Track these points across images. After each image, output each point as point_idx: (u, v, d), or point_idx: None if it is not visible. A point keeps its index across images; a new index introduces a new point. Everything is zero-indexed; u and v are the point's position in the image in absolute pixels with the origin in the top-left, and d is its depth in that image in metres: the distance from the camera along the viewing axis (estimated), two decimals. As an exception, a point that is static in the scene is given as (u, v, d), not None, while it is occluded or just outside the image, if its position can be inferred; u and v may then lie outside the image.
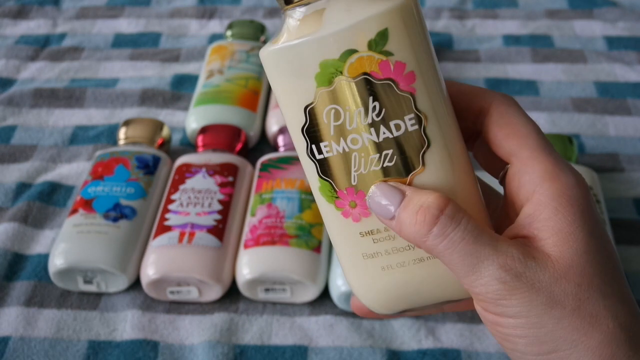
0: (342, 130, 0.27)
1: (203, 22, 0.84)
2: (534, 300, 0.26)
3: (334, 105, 0.27)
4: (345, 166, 0.28)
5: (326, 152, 0.28)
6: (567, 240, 0.26)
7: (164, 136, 0.62)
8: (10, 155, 0.65)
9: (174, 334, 0.50)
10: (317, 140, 0.28)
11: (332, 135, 0.27)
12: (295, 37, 0.27)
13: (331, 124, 0.27)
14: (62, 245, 0.51)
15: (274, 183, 0.55)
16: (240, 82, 0.66)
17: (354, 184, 0.28)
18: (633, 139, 0.65)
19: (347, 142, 0.27)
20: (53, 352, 0.48)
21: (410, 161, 0.28)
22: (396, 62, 0.26)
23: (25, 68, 0.77)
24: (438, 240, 0.26)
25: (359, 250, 0.29)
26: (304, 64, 0.26)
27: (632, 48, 0.77)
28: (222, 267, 0.51)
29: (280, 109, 0.29)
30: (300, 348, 0.48)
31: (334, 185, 0.28)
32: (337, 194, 0.28)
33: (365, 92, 0.27)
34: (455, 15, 0.83)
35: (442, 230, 0.26)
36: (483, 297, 0.26)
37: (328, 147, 0.28)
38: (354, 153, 0.27)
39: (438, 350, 0.48)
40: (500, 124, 0.28)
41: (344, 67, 0.26)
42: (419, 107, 0.27)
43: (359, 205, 0.28)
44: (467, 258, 0.26)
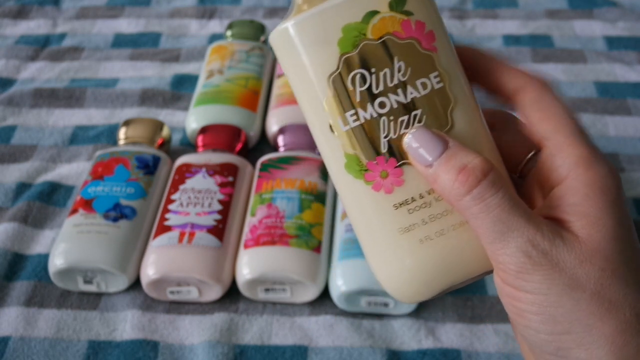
0: (368, 95, 0.27)
1: (203, 22, 0.84)
2: (556, 279, 0.26)
3: (359, 70, 0.26)
4: (374, 134, 0.27)
5: (353, 122, 0.27)
6: (596, 225, 0.26)
7: (164, 136, 0.62)
8: (10, 155, 0.65)
9: (174, 334, 0.50)
10: (342, 111, 0.27)
11: (358, 102, 0.27)
12: (311, 7, 0.26)
13: (357, 89, 0.27)
14: (62, 245, 0.51)
15: (274, 183, 0.55)
16: (240, 82, 0.66)
17: (383, 152, 0.27)
18: (633, 139, 0.65)
19: (375, 106, 0.27)
20: (53, 352, 0.48)
21: (439, 120, 0.27)
22: (417, 22, 0.27)
23: (25, 68, 0.77)
24: (474, 203, 0.26)
25: (394, 226, 0.28)
26: (326, 30, 0.26)
27: (632, 48, 0.77)
28: (222, 267, 0.51)
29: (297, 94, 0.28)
30: (300, 348, 0.48)
31: (362, 158, 0.27)
32: (366, 165, 0.27)
33: (391, 52, 0.26)
34: (455, 15, 0.83)
35: (481, 194, 0.26)
36: (505, 267, 0.26)
37: (355, 115, 0.27)
38: (382, 118, 0.27)
39: (438, 350, 0.48)
40: (536, 106, 0.28)
41: (367, 29, 0.26)
42: (442, 65, 0.27)
43: (391, 175, 0.27)
44: (498, 225, 0.26)
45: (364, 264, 0.49)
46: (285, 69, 0.28)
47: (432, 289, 0.29)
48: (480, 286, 0.52)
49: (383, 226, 0.28)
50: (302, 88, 0.27)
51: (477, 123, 0.28)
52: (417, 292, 0.29)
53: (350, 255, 0.50)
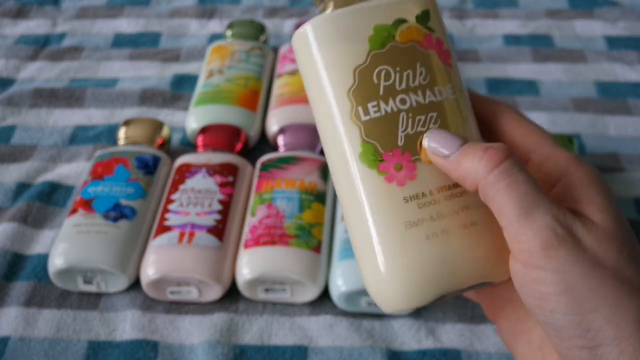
0: (391, 90, 0.29)
1: (203, 22, 0.84)
2: (580, 255, 0.26)
3: (385, 66, 0.29)
4: (393, 126, 0.28)
5: (374, 113, 0.29)
6: (604, 211, 0.28)
7: (164, 136, 0.62)
8: (10, 155, 0.65)
9: (174, 334, 0.50)
10: (365, 101, 0.29)
11: (381, 95, 0.29)
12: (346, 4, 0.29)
13: (381, 84, 0.29)
14: (62, 245, 0.51)
15: (274, 183, 0.55)
16: (240, 82, 0.66)
17: (400, 145, 0.28)
18: (633, 139, 0.65)
19: (396, 102, 0.28)
20: (53, 352, 0.48)
21: (453, 125, 0.29)
22: (437, 38, 0.30)
23: (25, 68, 0.77)
24: (502, 177, 0.27)
25: (402, 218, 0.28)
26: (360, 27, 0.29)
27: (633, 48, 0.77)
28: (222, 267, 0.50)
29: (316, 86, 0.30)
30: (300, 348, 0.48)
31: (378, 148, 0.29)
32: (382, 156, 0.28)
33: (415, 57, 0.29)
34: (455, 15, 0.83)
35: (509, 169, 0.27)
36: (529, 246, 0.27)
37: (376, 107, 0.29)
38: (402, 113, 0.28)
39: (438, 350, 0.48)
40: (515, 125, 0.31)
41: (396, 33, 0.29)
42: (454, 81, 0.30)
43: (405, 168, 0.28)
44: (524, 200, 0.27)
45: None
46: (310, 61, 0.30)
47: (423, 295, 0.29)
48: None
49: (390, 221, 0.28)
50: (325, 78, 0.29)
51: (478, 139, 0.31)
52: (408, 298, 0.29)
53: (350, 255, 0.50)
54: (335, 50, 0.29)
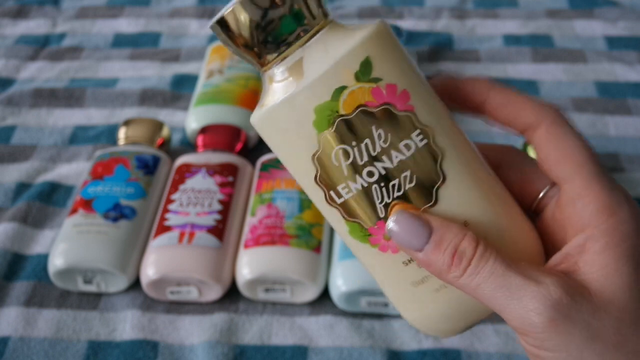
0: (354, 167, 0.27)
1: (203, 22, 0.83)
2: (571, 333, 0.25)
3: (340, 146, 0.27)
4: (369, 201, 0.28)
5: (345, 194, 0.28)
6: (611, 275, 0.26)
7: (164, 136, 0.62)
8: (10, 155, 0.65)
9: (174, 334, 0.50)
10: (333, 185, 0.28)
11: (346, 176, 0.27)
12: (282, 93, 0.27)
13: (342, 164, 0.27)
14: (62, 245, 0.51)
15: (274, 183, 0.55)
16: (240, 82, 0.66)
17: (382, 217, 0.28)
18: (633, 139, 0.65)
19: (363, 177, 0.27)
20: (53, 352, 0.48)
21: (431, 175, 0.27)
22: (387, 86, 0.26)
23: (25, 68, 0.77)
24: (470, 279, 0.26)
25: (406, 280, 0.29)
26: (299, 115, 0.27)
27: (633, 48, 0.77)
28: (222, 267, 0.50)
29: (287, 170, 0.29)
30: (300, 348, 0.48)
31: (362, 224, 0.28)
32: (369, 231, 0.28)
33: (367, 123, 0.27)
34: (455, 15, 0.83)
35: (474, 270, 0.26)
36: (521, 330, 0.26)
37: (346, 188, 0.27)
38: (373, 186, 0.27)
39: (438, 350, 0.48)
40: (552, 145, 0.28)
41: (338, 106, 0.26)
42: (422, 122, 0.27)
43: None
44: (498, 291, 0.26)
45: (364, 264, 0.49)
46: (272, 149, 0.29)
47: (456, 328, 0.30)
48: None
49: (397, 282, 0.29)
50: (292, 168, 0.28)
51: (472, 167, 0.28)
52: (446, 330, 0.30)
53: (350, 255, 0.50)
54: (286, 142, 0.28)
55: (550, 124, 0.28)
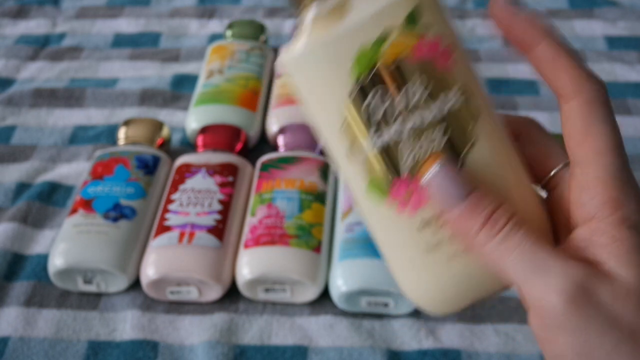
0: (387, 117, 0.26)
1: (203, 22, 0.83)
2: (592, 316, 0.25)
3: (375, 93, 0.26)
4: (396, 154, 0.26)
5: (374, 144, 0.26)
6: (626, 265, 0.25)
7: (164, 136, 0.62)
8: (10, 155, 0.65)
9: (174, 334, 0.50)
10: (361, 136, 0.26)
11: (377, 124, 0.26)
12: (320, 34, 0.26)
13: (375, 112, 0.26)
14: (62, 245, 0.51)
15: (274, 183, 0.55)
16: (240, 82, 0.66)
17: (406, 172, 0.27)
18: (633, 139, 0.65)
19: (395, 128, 0.26)
20: (53, 352, 0.48)
21: (462, 137, 0.26)
22: (431, 39, 0.26)
23: (25, 68, 0.77)
24: (497, 246, 0.26)
25: (420, 245, 0.27)
26: (337, 58, 0.26)
27: (633, 48, 0.77)
28: (222, 267, 0.50)
29: (313, 118, 0.28)
30: (300, 348, 0.48)
31: (384, 178, 0.27)
32: (390, 186, 0.27)
33: (406, 75, 0.26)
34: (456, 15, 0.83)
35: (504, 238, 0.26)
36: (538, 308, 0.25)
37: (375, 137, 0.26)
38: (403, 138, 0.26)
39: (438, 350, 0.48)
40: (579, 124, 0.27)
41: (379, 53, 0.25)
42: (459, 80, 0.26)
43: (416, 193, 0.27)
44: (523, 263, 0.25)
45: (364, 264, 0.49)
46: (301, 94, 0.27)
47: (458, 303, 0.28)
48: (481, 286, 0.52)
49: (407, 248, 0.28)
50: (321, 114, 0.27)
51: (500, 135, 0.28)
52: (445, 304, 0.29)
53: (350, 255, 0.50)
54: (318, 86, 0.26)
55: (585, 101, 0.27)
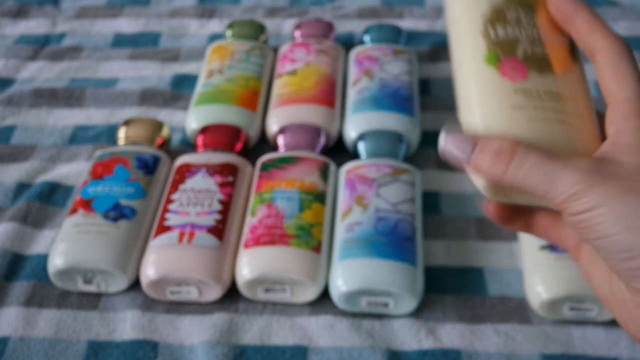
0: (516, 21, 0.36)
1: (203, 22, 0.83)
2: (615, 186, 0.29)
3: (515, 6, 0.37)
4: (514, 42, 0.36)
5: (503, 32, 0.36)
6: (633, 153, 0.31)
7: (164, 136, 0.62)
8: (10, 155, 0.65)
9: (174, 334, 0.50)
10: (498, 24, 0.36)
11: (509, 22, 0.36)
12: None
13: (511, 15, 0.36)
14: (62, 245, 0.51)
15: (274, 183, 0.55)
16: (240, 82, 0.66)
17: (518, 55, 0.35)
18: (633, 139, 0.65)
19: (518, 28, 0.36)
20: (53, 352, 0.48)
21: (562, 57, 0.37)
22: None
23: (25, 68, 0.77)
24: (515, 172, 0.31)
25: (509, 103, 0.34)
26: None
27: (633, 48, 0.76)
28: (222, 267, 0.50)
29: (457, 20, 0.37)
30: (300, 348, 0.48)
31: (500, 53, 0.35)
32: (502, 59, 0.35)
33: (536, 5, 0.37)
34: (456, 15, 0.83)
35: (519, 164, 0.31)
36: (567, 202, 0.30)
37: (504, 29, 0.36)
38: (522, 35, 0.36)
39: (438, 350, 0.48)
40: (610, 68, 0.35)
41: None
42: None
43: (519, 70, 0.35)
44: (543, 178, 0.30)
45: (364, 264, 0.49)
46: (453, 15, 0.37)
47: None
48: (481, 286, 0.52)
49: (500, 102, 0.34)
50: (467, 12, 0.37)
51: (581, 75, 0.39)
52: None
53: (350, 255, 0.50)
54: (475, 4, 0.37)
55: (613, 52, 0.34)
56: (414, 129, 0.62)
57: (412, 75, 0.66)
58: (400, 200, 0.53)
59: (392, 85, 0.64)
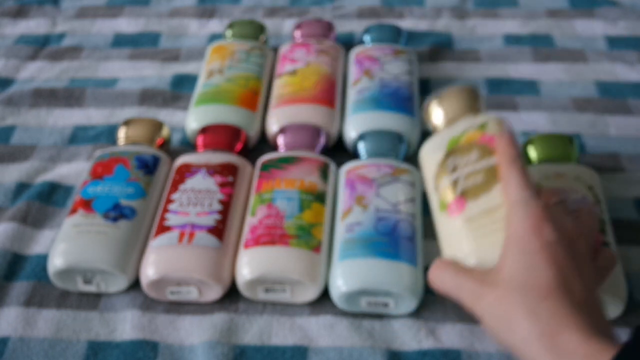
0: (457, 166, 0.46)
1: (203, 22, 0.83)
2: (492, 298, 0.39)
3: (452, 157, 0.46)
4: (455, 187, 0.45)
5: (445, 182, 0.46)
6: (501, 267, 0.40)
7: (164, 136, 0.62)
8: (10, 155, 0.65)
9: (174, 334, 0.50)
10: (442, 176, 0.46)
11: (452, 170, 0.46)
12: (438, 135, 0.48)
13: (449, 165, 0.46)
14: (62, 245, 0.51)
15: (274, 183, 0.55)
16: (240, 82, 0.66)
17: (458, 193, 0.45)
18: (634, 139, 0.65)
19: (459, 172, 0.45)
20: (53, 352, 0.48)
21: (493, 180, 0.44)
22: (490, 135, 0.46)
23: (25, 68, 0.77)
24: (442, 285, 0.43)
25: (455, 231, 0.44)
26: (443, 143, 0.47)
27: (633, 47, 0.76)
28: (222, 267, 0.50)
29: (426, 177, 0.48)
30: (300, 348, 0.48)
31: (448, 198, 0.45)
32: (449, 202, 0.45)
33: (470, 148, 0.46)
34: (456, 14, 0.83)
35: (442, 280, 0.43)
36: (470, 309, 0.41)
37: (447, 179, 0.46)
38: (459, 179, 0.45)
39: (438, 350, 0.48)
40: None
41: (462, 139, 0.46)
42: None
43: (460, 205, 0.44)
44: (455, 290, 0.42)
45: (364, 264, 0.49)
46: (424, 167, 0.48)
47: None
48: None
49: (450, 235, 0.45)
50: (429, 171, 0.47)
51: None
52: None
53: (350, 255, 0.50)
54: (434, 155, 0.47)
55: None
56: (414, 129, 0.62)
57: (412, 75, 0.66)
58: (400, 200, 0.53)
59: (392, 85, 0.64)
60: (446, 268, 0.42)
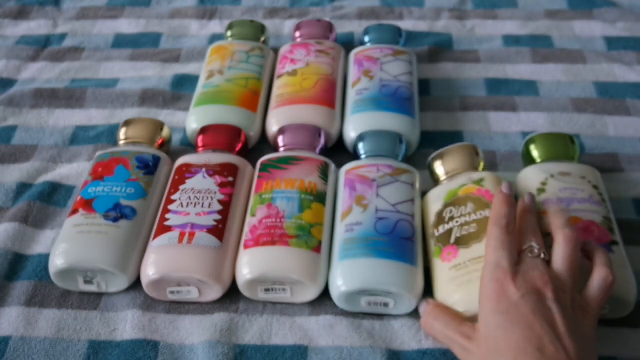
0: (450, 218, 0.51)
1: (203, 22, 0.84)
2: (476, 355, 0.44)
3: (449, 207, 0.52)
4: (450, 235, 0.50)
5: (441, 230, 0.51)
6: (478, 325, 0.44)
7: (164, 136, 0.62)
8: (11, 155, 0.65)
9: (174, 334, 0.50)
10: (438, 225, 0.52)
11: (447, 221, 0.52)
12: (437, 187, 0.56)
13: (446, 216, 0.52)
14: (62, 245, 0.52)
15: (274, 183, 0.55)
16: (240, 82, 0.66)
17: (452, 243, 0.50)
18: (632, 139, 0.65)
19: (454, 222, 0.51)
20: (53, 351, 0.48)
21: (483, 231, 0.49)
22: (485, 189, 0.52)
23: (26, 68, 0.77)
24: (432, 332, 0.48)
25: (447, 278, 0.49)
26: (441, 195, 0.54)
27: (632, 48, 0.77)
28: (222, 267, 0.51)
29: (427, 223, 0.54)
30: (300, 348, 0.49)
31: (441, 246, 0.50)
32: (442, 250, 0.50)
33: (466, 199, 0.52)
34: (455, 15, 0.83)
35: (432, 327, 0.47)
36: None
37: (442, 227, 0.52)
38: (455, 227, 0.51)
39: (438, 350, 0.48)
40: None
41: (459, 191, 0.53)
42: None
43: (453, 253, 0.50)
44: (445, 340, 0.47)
45: (363, 264, 0.49)
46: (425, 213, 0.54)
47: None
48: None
49: (443, 281, 0.49)
50: (426, 222, 0.53)
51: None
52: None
53: (350, 255, 0.50)
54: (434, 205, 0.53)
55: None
56: (413, 129, 0.62)
57: (411, 75, 0.67)
58: (400, 200, 0.53)
59: (391, 85, 0.64)
60: (437, 318, 0.47)
